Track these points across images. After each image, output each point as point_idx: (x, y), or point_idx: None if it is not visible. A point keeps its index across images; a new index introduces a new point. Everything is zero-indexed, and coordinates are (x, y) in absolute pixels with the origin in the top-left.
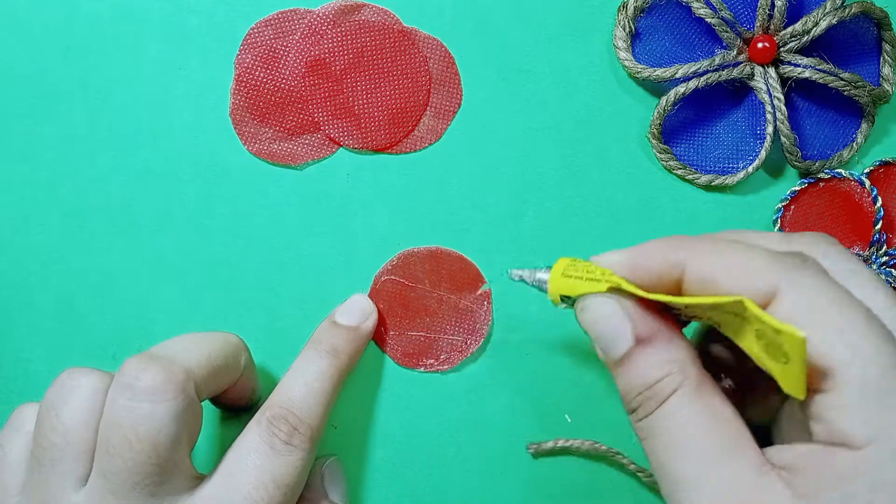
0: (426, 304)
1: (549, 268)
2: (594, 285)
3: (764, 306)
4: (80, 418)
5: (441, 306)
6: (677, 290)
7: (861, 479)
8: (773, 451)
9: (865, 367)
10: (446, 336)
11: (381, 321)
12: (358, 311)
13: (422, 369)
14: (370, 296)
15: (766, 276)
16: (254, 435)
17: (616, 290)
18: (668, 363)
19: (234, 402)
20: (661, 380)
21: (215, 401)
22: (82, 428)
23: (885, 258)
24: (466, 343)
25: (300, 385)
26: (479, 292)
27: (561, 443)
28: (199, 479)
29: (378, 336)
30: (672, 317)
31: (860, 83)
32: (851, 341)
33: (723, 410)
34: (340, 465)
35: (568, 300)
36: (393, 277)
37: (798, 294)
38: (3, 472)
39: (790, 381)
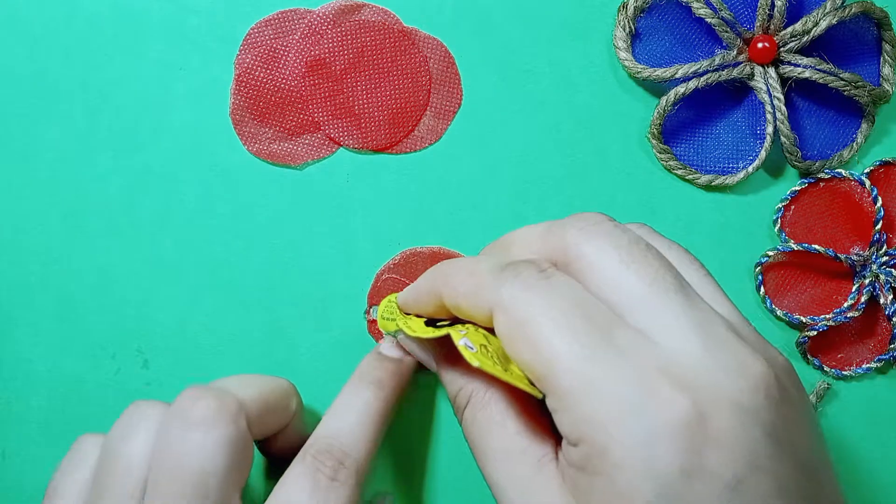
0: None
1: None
2: (394, 325)
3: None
4: (143, 450)
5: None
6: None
7: (588, 475)
8: (563, 442)
9: (559, 374)
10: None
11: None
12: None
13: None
14: (370, 293)
15: (487, 298)
16: (298, 472)
17: (400, 329)
18: (457, 379)
19: (284, 450)
20: (457, 394)
21: (264, 449)
22: (140, 457)
23: (885, 258)
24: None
25: (345, 419)
26: None
27: None
28: None
29: (376, 333)
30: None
31: (860, 83)
32: (546, 355)
33: (510, 410)
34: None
35: (393, 335)
36: (394, 276)
37: (503, 314)
38: (61, 501)
39: (519, 383)
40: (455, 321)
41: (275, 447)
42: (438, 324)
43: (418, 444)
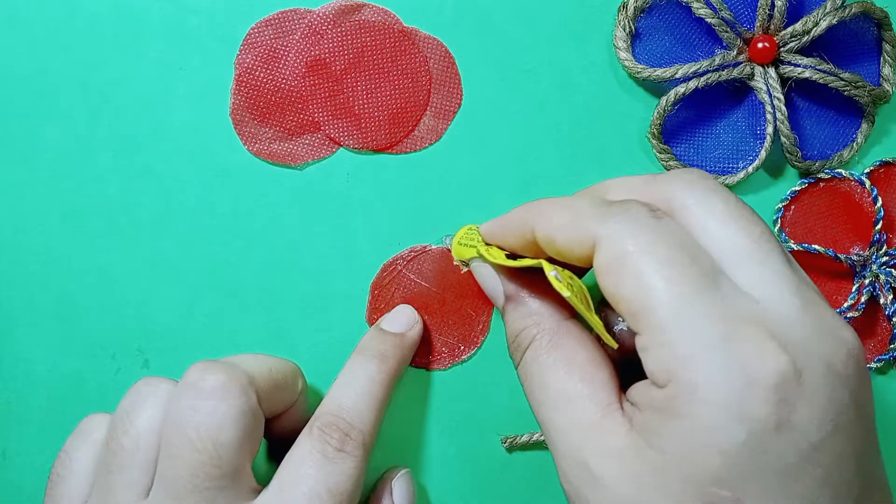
0: (427, 303)
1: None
2: (473, 251)
3: (592, 258)
4: (152, 424)
5: (442, 308)
6: (537, 248)
7: (668, 417)
8: (632, 389)
9: (658, 309)
10: (441, 337)
11: (380, 311)
12: (404, 319)
13: (412, 365)
14: (374, 284)
15: (588, 229)
16: (305, 445)
17: (481, 256)
18: (526, 317)
19: (287, 431)
20: (520, 333)
21: (269, 430)
22: (150, 433)
23: (885, 258)
24: (459, 348)
25: (349, 392)
26: (483, 303)
27: (536, 436)
28: (258, 491)
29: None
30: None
31: (860, 83)
32: (647, 289)
33: (577, 356)
34: (412, 478)
35: (464, 263)
36: (402, 270)
37: (609, 244)
38: (68, 479)
39: (599, 328)
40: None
41: (278, 428)
42: (518, 259)
43: (410, 438)
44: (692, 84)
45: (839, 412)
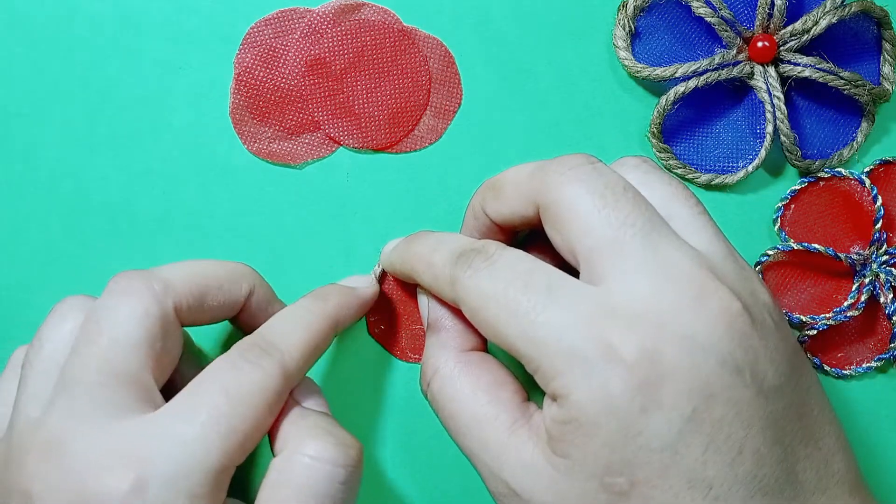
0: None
1: None
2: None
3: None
4: (58, 335)
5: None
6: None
7: (563, 423)
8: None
9: (520, 347)
10: None
11: (382, 318)
12: (360, 280)
13: (418, 361)
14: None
15: (448, 293)
16: (219, 360)
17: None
18: (432, 348)
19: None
20: (426, 364)
21: (242, 330)
22: (59, 342)
23: (885, 257)
24: None
25: (280, 319)
26: None
27: None
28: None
29: (379, 333)
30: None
31: (860, 82)
32: (501, 332)
33: (480, 381)
34: (313, 382)
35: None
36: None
37: (463, 305)
38: None
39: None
40: None
41: (245, 329)
42: None
43: (365, 409)
44: (692, 83)
45: (707, 379)
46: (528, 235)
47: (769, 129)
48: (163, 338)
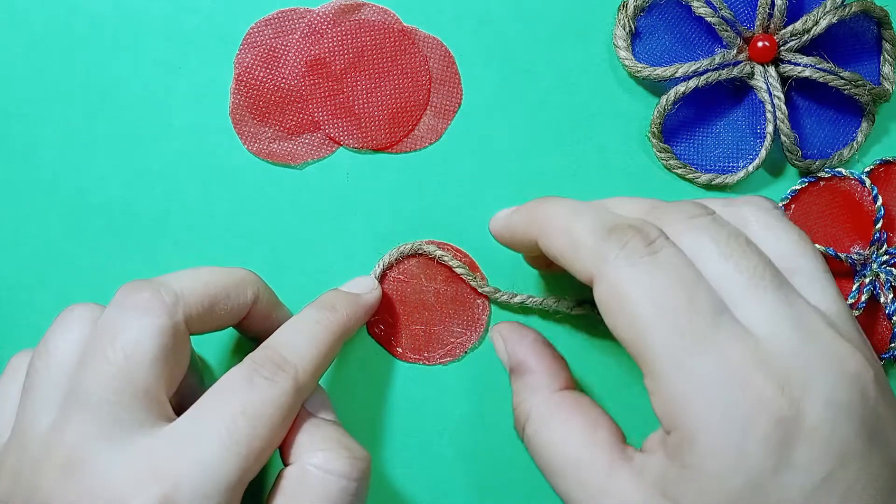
0: (423, 299)
1: None
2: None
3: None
4: (65, 344)
5: (438, 299)
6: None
7: (677, 466)
8: (649, 438)
9: (655, 360)
10: (446, 328)
11: (382, 318)
12: (362, 283)
13: (424, 363)
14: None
15: (588, 263)
16: (232, 373)
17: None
18: (521, 392)
19: (261, 336)
20: (518, 409)
21: (246, 335)
22: (68, 355)
23: (885, 257)
24: (467, 335)
25: (289, 331)
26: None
27: (518, 298)
28: (173, 420)
29: (379, 333)
30: (546, 341)
31: (860, 82)
32: (645, 337)
33: (572, 423)
34: (322, 389)
35: None
36: (388, 274)
37: (605, 285)
38: None
39: None
40: None
41: (250, 334)
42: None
43: (366, 410)
44: (692, 83)
45: (844, 445)
46: None
47: (769, 129)
48: (174, 351)
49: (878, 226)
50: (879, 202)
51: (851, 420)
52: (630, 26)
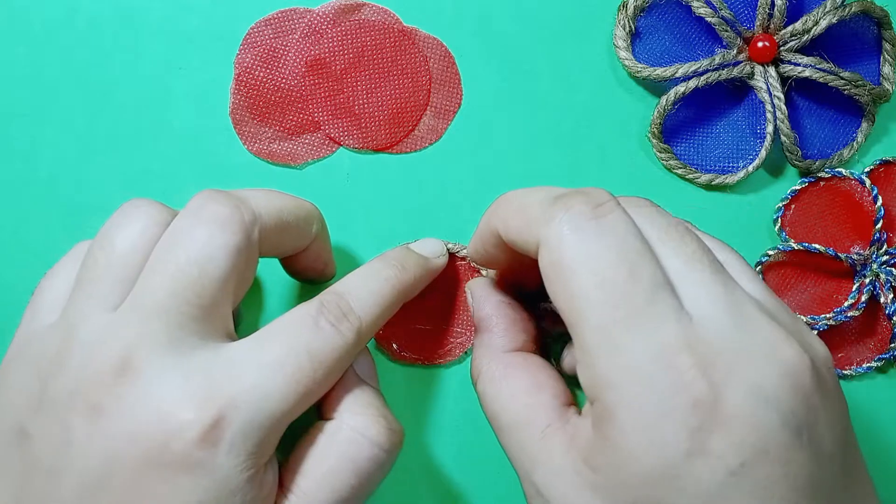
0: (422, 298)
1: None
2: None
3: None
4: (130, 242)
5: (442, 302)
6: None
7: (598, 438)
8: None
9: (586, 332)
10: (445, 328)
11: None
12: (431, 246)
13: (423, 363)
14: None
15: (533, 232)
16: (301, 309)
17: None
18: (478, 349)
19: (307, 272)
20: (473, 365)
21: (290, 269)
22: (131, 251)
23: (885, 257)
24: (466, 335)
25: (359, 281)
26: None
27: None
28: (233, 337)
29: (378, 333)
30: (514, 294)
31: (860, 82)
32: (580, 308)
33: (520, 383)
34: (367, 350)
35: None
36: None
37: (547, 251)
38: (47, 292)
39: None
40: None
41: (297, 266)
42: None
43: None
44: (692, 83)
45: (765, 435)
46: None
47: (769, 129)
48: (245, 270)
49: (878, 226)
50: (879, 202)
51: (778, 410)
52: (630, 26)
